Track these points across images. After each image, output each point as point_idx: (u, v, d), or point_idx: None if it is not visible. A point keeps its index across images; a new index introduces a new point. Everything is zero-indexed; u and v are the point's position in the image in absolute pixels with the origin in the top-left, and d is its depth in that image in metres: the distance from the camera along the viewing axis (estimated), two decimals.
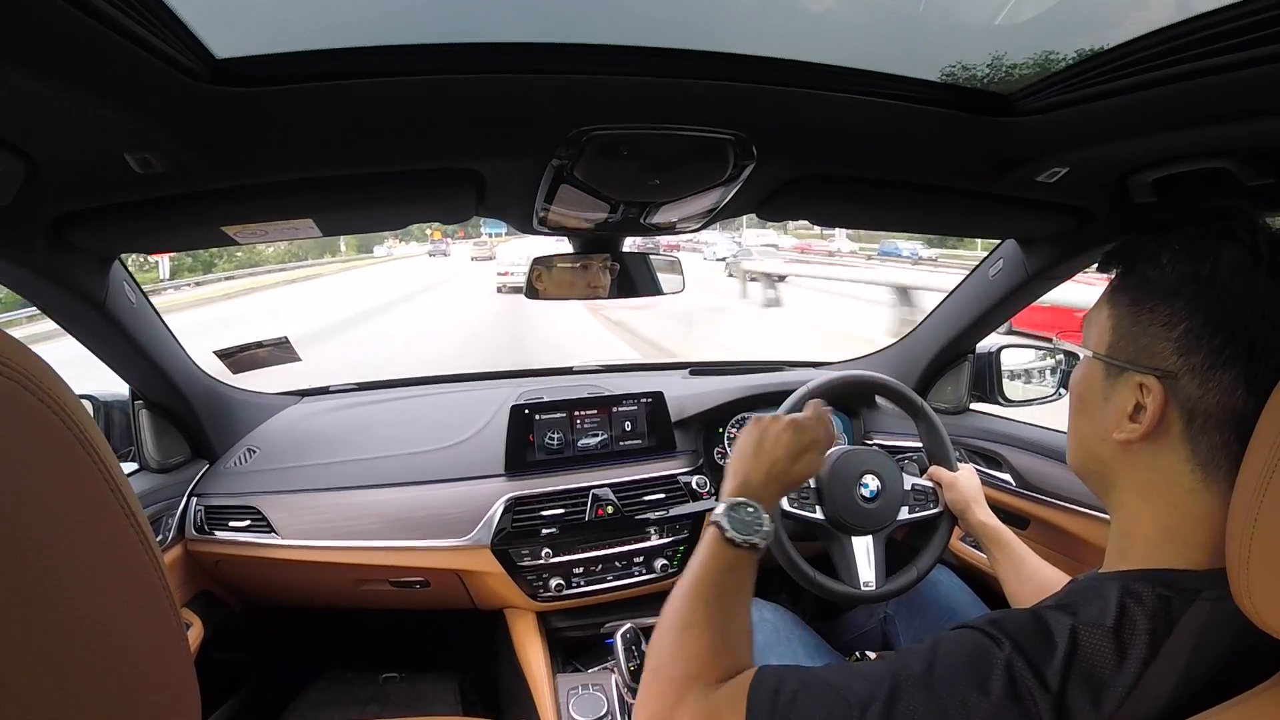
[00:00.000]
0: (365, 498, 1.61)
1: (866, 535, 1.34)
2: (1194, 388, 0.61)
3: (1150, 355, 0.64)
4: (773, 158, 0.99)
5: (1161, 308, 0.63)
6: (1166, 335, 0.63)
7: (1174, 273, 0.63)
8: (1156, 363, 0.63)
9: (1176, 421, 0.63)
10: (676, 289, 1.46)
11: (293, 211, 1.03)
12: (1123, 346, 0.66)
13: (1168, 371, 0.62)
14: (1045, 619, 0.62)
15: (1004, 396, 1.86)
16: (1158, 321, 0.63)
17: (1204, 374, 0.61)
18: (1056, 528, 1.54)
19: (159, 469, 1.56)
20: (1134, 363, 0.65)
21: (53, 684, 0.31)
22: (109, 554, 0.35)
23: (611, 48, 0.82)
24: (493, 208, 1.16)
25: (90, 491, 0.34)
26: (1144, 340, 0.64)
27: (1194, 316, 0.61)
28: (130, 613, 0.36)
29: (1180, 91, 0.75)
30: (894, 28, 0.94)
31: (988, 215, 1.28)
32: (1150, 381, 0.63)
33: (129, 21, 0.60)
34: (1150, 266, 0.65)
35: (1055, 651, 0.59)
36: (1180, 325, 0.62)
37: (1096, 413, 0.69)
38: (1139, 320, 0.65)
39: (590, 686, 1.49)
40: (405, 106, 0.83)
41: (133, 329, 1.30)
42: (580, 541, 1.62)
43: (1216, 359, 0.60)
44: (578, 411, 1.74)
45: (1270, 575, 0.51)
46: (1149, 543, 0.66)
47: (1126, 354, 0.66)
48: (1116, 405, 0.66)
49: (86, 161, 0.83)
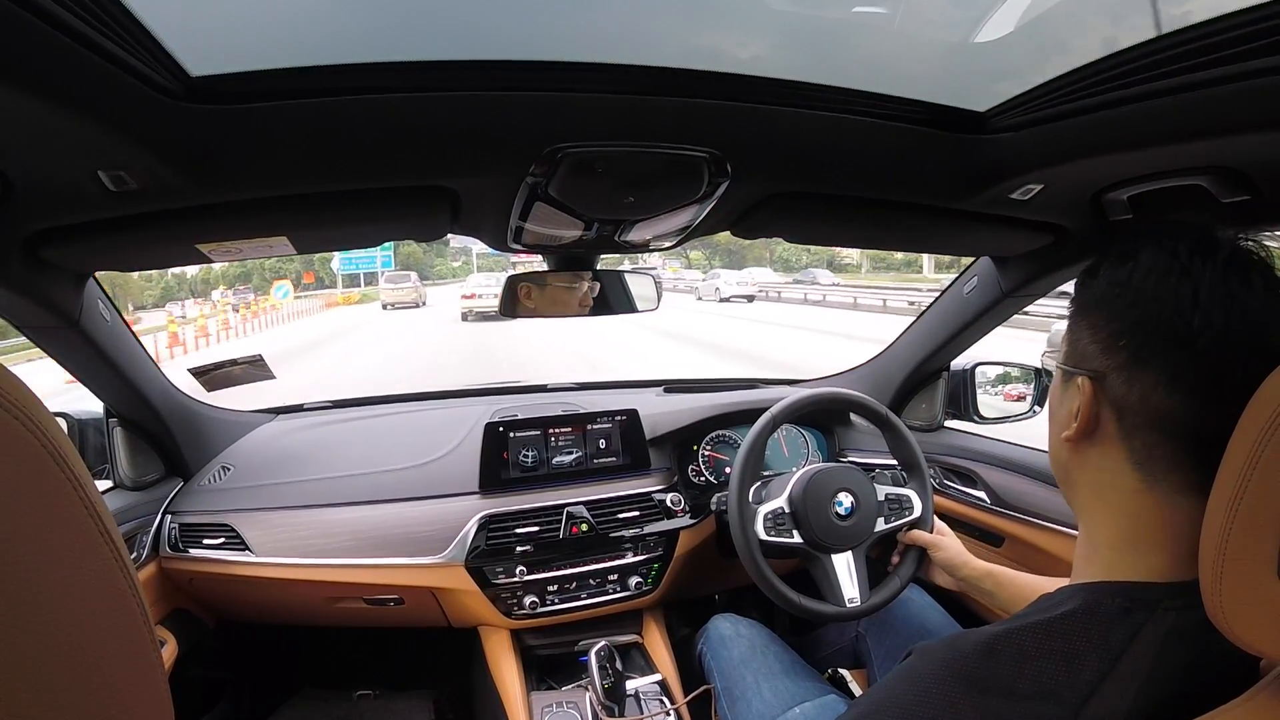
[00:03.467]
0: (339, 515, 1.60)
1: (846, 551, 1.35)
2: (1119, 386, 0.64)
3: (1084, 358, 0.67)
4: (747, 175, 1.00)
5: (1094, 314, 0.67)
6: (1094, 338, 0.66)
7: (1104, 282, 0.66)
8: (1088, 364, 0.67)
9: (1110, 420, 0.65)
10: (651, 306, 1.47)
11: (267, 229, 1.03)
12: (1069, 354, 0.70)
13: (1097, 372, 0.66)
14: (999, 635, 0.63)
15: (979, 414, 1.87)
16: (1088, 326, 0.67)
17: (1128, 372, 0.63)
18: (1030, 545, 1.55)
19: (133, 486, 1.55)
20: (1075, 366, 0.68)
21: (24, 700, 0.31)
22: (83, 571, 0.35)
23: (586, 65, 0.83)
24: (467, 225, 1.17)
25: (64, 509, 0.34)
26: (1080, 345, 0.68)
27: (1116, 320, 0.65)
28: (104, 630, 0.36)
29: (1153, 109, 0.77)
30: (869, 45, 0.95)
31: (962, 232, 1.30)
32: (1083, 381, 0.67)
33: (103, 39, 0.61)
34: (1090, 279, 0.69)
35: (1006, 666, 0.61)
36: (1106, 329, 0.65)
37: (1056, 417, 0.73)
38: (1079, 328, 0.69)
39: (565, 704, 1.48)
40: (379, 124, 0.84)
41: (107, 346, 1.30)
42: (555, 559, 1.62)
43: (1136, 357, 0.63)
44: (552, 429, 1.74)
45: (1243, 591, 0.52)
46: (1110, 548, 0.67)
47: (1071, 360, 0.69)
48: (1067, 408, 0.69)
49: (60, 179, 0.82)
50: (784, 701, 1.28)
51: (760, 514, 1.37)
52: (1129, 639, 0.59)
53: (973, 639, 0.65)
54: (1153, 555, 0.64)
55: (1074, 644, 0.60)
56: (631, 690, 1.50)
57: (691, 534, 1.72)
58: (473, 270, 36.12)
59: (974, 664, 0.63)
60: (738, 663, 1.41)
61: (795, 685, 1.32)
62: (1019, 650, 0.62)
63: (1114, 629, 0.60)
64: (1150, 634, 0.59)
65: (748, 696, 1.33)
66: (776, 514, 1.37)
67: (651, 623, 1.74)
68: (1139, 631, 0.59)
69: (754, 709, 1.30)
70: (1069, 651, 0.60)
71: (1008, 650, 0.62)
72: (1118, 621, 0.60)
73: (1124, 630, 0.60)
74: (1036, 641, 0.62)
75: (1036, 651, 0.61)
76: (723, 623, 1.52)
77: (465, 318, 18.75)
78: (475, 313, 18.32)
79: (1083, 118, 0.84)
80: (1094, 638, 0.60)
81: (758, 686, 1.34)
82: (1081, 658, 0.59)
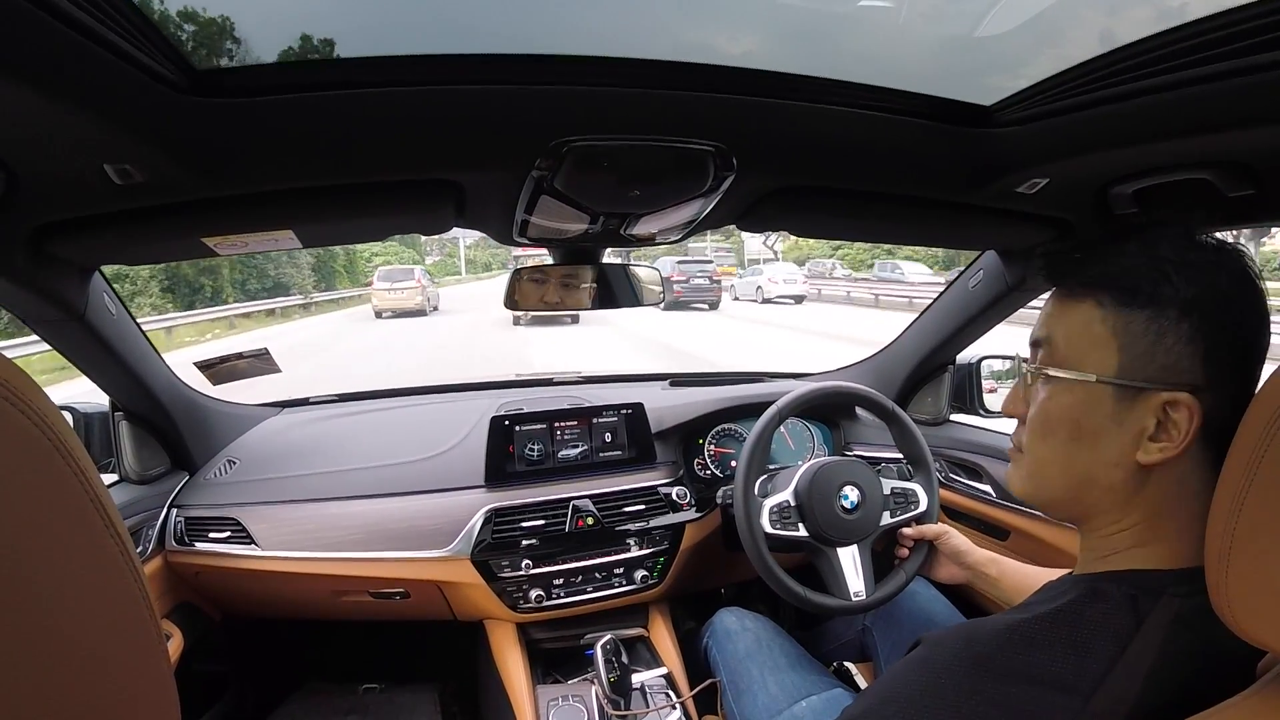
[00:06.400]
0: (345, 509, 1.61)
1: (851, 545, 1.35)
2: (1217, 401, 0.62)
3: (1177, 372, 0.63)
4: (753, 169, 1.00)
5: (1183, 323, 0.62)
6: (1193, 352, 0.62)
7: (1189, 288, 0.62)
8: (1185, 379, 0.63)
9: (1195, 437, 0.63)
10: (655, 300, 1.47)
11: (273, 223, 1.03)
12: (1141, 366, 0.65)
13: (1198, 386, 0.62)
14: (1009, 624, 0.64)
15: (984, 408, 1.87)
16: (1182, 338, 0.63)
17: (1223, 385, 0.62)
18: (1036, 538, 1.55)
19: (139, 480, 1.55)
20: (1159, 381, 0.63)
21: (30, 694, 0.31)
22: (89, 565, 0.35)
23: (592, 59, 0.82)
24: (472, 219, 1.17)
25: (70, 502, 0.34)
26: (1169, 358, 0.63)
27: (1217, 331, 0.62)
28: (110, 623, 0.37)
29: (1159, 103, 0.77)
30: (874, 38, 0.95)
31: (968, 226, 1.30)
32: (1182, 397, 0.62)
33: (108, 32, 0.61)
34: (1162, 284, 0.64)
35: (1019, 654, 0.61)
36: (1203, 340, 0.62)
37: (1104, 439, 0.67)
38: (1162, 338, 0.63)
39: (570, 697, 1.48)
40: (384, 118, 0.84)
41: (112, 340, 1.30)
42: (560, 553, 1.62)
43: (1235, 371, 0.62)
44: (558, 423, 1.75)
45: (1248, 582, 0.52)
46: (1128, 545, 0.67)
47: (1146, 374, 0.64)
48: (1132, 428, 0.65)
49: (66, 172, 0.82)
50: (789, 695, 1.29)
51: (766, 506, 1.37)
52: (1135, 626, 0.59)
53: (984, 627, 0.66)
54: (1166, 547, 0.64)
55: (1082, 632, 0.61)
56: (637, 684, 1.50)
57: (697, 527, 1.72)
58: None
59: (986, 651, 0.63)
60: (743, 656, 1.41)
61: (801, 679, 1.32)
62: (1029, 638, 0.62)
63: (1121, 616, 0.60)
64: (1156, 620, 0.60)
65: (753, 690, 1.33)
66: (782, 507, 1.37)
67: (657, 616, 1.75)
68: (1146, 619, 0.60)
69: (759, 703, 1.30)
70: (1078, 640, 0.60)
71: (1019, 638, 0.62)
72: (1124, 609, 0.61)
73: (1131, 618, 0.60)
74: (1045, 630, 0.62)
75: (1046, 640, 0.61)
76: (728, 616, 1.52)
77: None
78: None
79: (1089, 112, 0.84)
80: (1101, 625, 0.60)
81: (763, 680, 1.34)
82: (1090, 646, 0.59)
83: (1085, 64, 0.81)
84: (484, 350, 11.76)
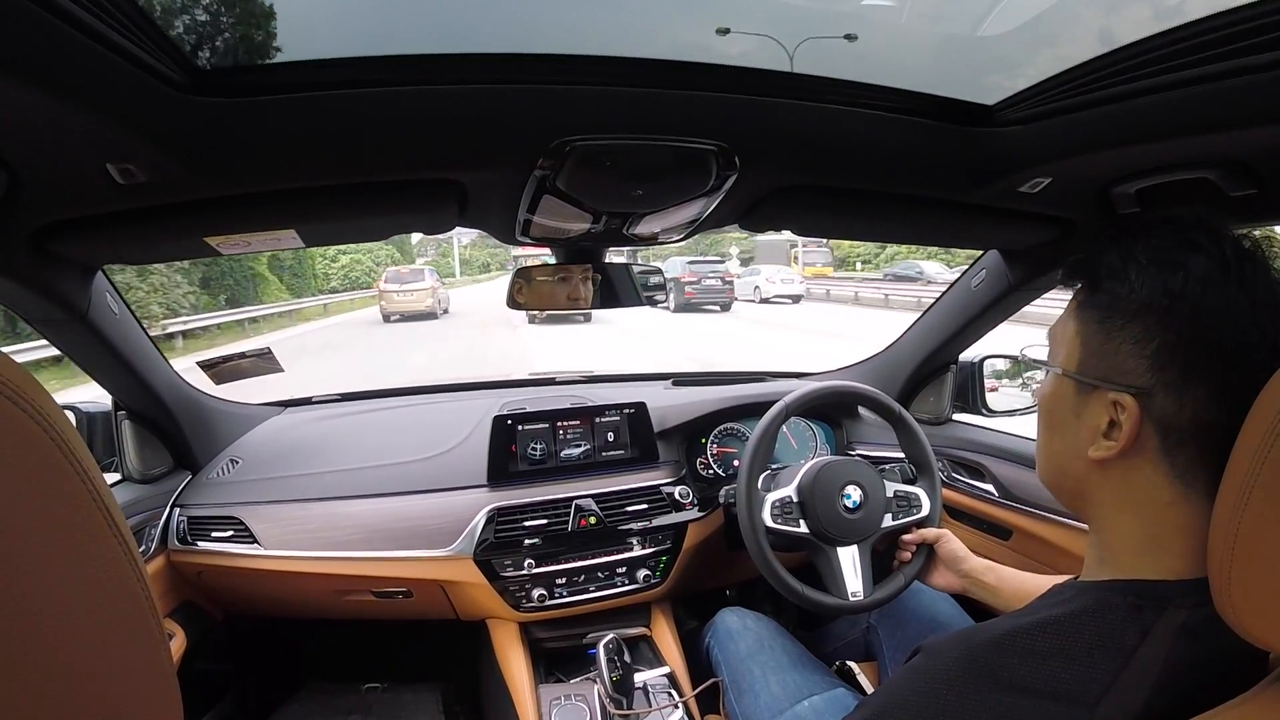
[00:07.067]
0: (348, 508, 1.61)
1: (851, 545, 1.35)
2: (1168, 403, 0.60)
3: (1123, 373, 0.62)
4: (755, 168, 1.00)
5: (1133, 325, 0.62)
6: (1139, 353, 0.61)
7: (1144, 288, 0.61)
8: (1130, 380, 0.62)
9: (1152, 437, 0.62)
10: (658, 300, 1.47)
11: (275, 222, 1.03)
12: (1094, 364, 0.65)
13: (1142, 389, 0.61)
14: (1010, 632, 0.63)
15: (986, 407, 1.87)
16: (1130, 339, 0.62)
17: (1179, 389, 0.60)
18: (1039, 538, 1.54)
19: (141, 480, 1.55)
20: (1106, 380, 0.64)
21: (33, 693, 0.31)
22: (91, 564, 0.35)
23: (594, 58, 0.83)
24: (475, 218, 1.17)
25: (73, 502, 0.34)
26: (1116, 358, 0.63)
27: (1167, 332, 0.60)
28: (112, 622, 0.37)
29: (1161, 102, 0.77)
30: (876, 38, 0.95)
31: (970, 226, 1.30)
32: (1125, 399, 0.62)
33: (110, 31, 0.61)
34: (1118, 283, 0.64)
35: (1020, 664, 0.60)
36: (1153, 342, 0.61)
37: (1068, 430, 0.68)
38: (1110, 338, 0.64)
39: (573, 697, 1.49)
40: (387, 117, 0.84)
41: (115, 340, 1.30)
42: (563, 552, 1.62)
43: (1190, 374, 0.59)
44: (560, 422, 1.75)
45: (1252, 585, 0.52)
46: (1128, 552, 0.66)
47: (1098, 372, 0.65)
48: (1089, 423, 0.65)
49: (68, 172, 0.82)
50: (791, 695, 1.28)
51: (768, 501, 1.37)
52: (1141, 636, 0.59)
53: (983, 635, 0.65)
54: (1173, 558, 0.63)
55: (1087, 642, 0.60)
56: (640, 683, 1.50)
57: (700, 527, 1.72)
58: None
59: (986, 661, 0.62)
60: (745, 656, 1.41)
61: (803, 678, 1.32)
62: (1031, 648, 0.61)
63: (1126, 627, 0.60)
64: (1161, 631, 0.59)
65: (755, 690, 1.33)
66: (784, 502, 1.37)
67: (660, 615, 1.75)
68: (1150, 629, 0.59)
69: (762, 702, 1.30)
70: (1082, 650, 0.60)
71: (1020, 647, 0.62)
72: (1129, 619, 0.60)
73: (1136, 628, 0.59)
74: (1048, 639, 0.61)
75: (1049, 649, 0.61)
76: (730, 616, 1.52)
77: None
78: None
79: (1091, 111, 0.84)
80: (1106, 635, 0.60)
81: (765, 680, 1.34)
82: (1094, 656, 0.59)
83: (1087, 63, 0.81)
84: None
